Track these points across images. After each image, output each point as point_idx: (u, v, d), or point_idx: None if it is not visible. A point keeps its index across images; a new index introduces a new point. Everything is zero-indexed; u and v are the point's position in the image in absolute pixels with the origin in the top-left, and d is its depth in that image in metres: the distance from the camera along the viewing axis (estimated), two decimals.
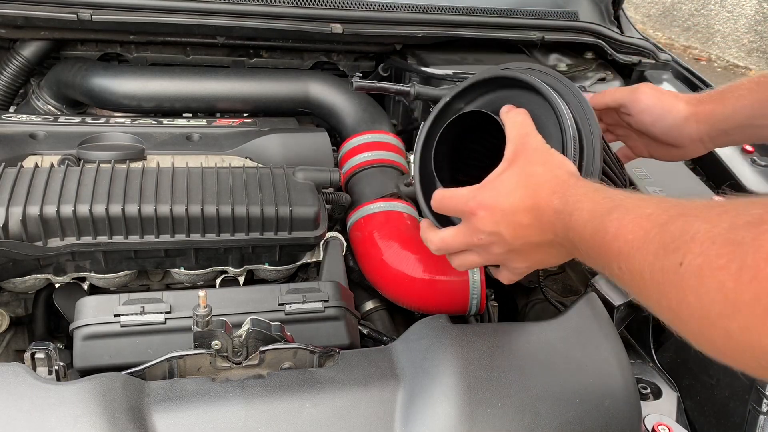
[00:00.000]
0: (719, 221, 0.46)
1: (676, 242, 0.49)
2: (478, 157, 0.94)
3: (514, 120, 0.78)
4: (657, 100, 1.01)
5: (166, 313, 0.90)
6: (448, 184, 0.85)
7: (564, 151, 0.77)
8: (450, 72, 1.23)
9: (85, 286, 1.06)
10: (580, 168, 0.79)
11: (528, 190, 0.71)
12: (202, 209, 1.00)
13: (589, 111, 0.82)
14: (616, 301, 1.04)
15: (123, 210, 0.97)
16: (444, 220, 0.86)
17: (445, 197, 0.80)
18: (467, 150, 0.95)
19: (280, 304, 0.95)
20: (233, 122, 1.31)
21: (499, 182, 0.73)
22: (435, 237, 0.83)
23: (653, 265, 0.51)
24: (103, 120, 1.25)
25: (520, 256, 0.75)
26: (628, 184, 1.00)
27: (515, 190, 0.71)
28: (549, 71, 0.89)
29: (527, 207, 0.70)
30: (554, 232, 0.68)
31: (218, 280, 1.11)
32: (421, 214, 0.98)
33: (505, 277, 0.81)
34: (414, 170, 0.94)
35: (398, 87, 1.21)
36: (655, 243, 0.52)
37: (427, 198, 0.87)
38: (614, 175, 0.91)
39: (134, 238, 0.99)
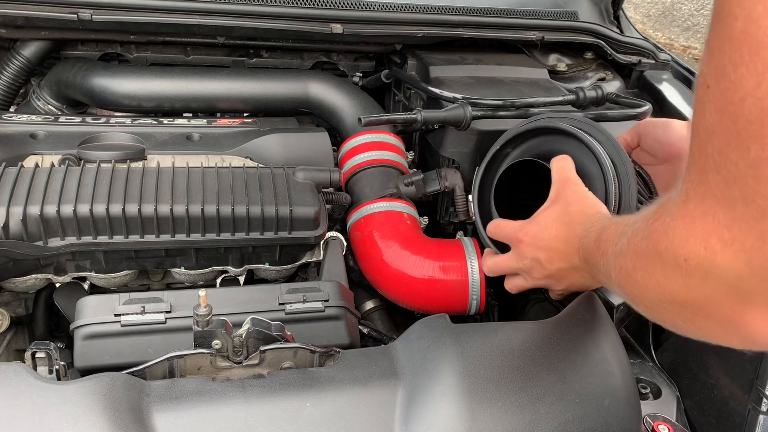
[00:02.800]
0: (634, 230, 0.60)
1: (620, 245, 0.64)
2: (530, 194, 1.05)
3: (558, 165, 0.93)
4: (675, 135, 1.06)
5: (167, 312, 0.90)
6: (504, 217, 1.02)
7: (606, 191, 0.93)
8: (458, 96, 1.25)
9: (86, 286, 1.07)
10: (619, 203, 0.93)
11: (563, 224, 0.85)
12: (202, 209, 1.00)
13: (621, 150, 0.96)
14: (616, 300, 1.04)
15: (123, 210, 0.97)
16: (503, 249, 1.02)
17: (498, 226, 0.99)
18: (520, 187, 1.09)
19: (280, 304, 0.95)
20: (233, 122, 1.31)
21: (542, 217, 0.90)
22: (490, 261, 1.03)
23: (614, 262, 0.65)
24: (103, 120, 1.25)
25: (555, 279, 0.89)
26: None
27: (553, 224, 0.87)
28: (582, 118, 1.03)
29: (561, 237, 0.85)
30: (578, 257, 0.80)
31: (218, 280, 1.11)
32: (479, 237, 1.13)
33: (552, 295, 0.98)
34: (474, 206, 1.10)
35: (405, 117, 1.22)
36: (617, 246, 0.65)
37: (485, 228, 1.05)
38: (644, 200, 1.02)
39: (135, 238, 0.99)
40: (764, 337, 0.47)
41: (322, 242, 1.14)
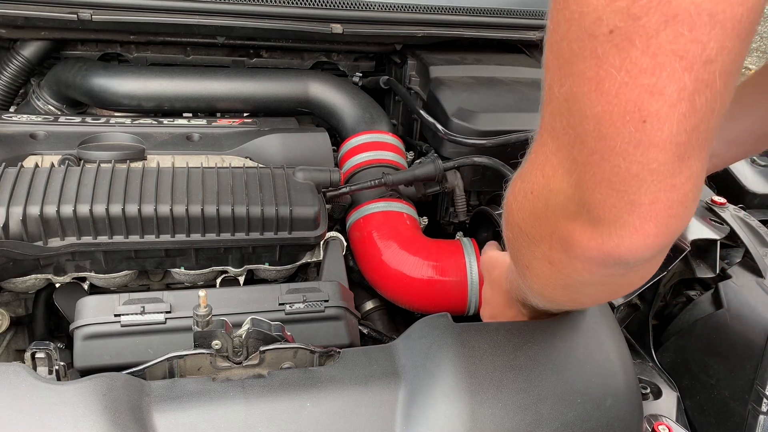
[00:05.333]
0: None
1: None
2: None
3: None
4: None
5: (167, 312, 0.90)
6: None
7: None
8: (440, 128, 1.28)
9: (86, 286, 1.06)
10: None
11: (497, 292, 0.91)
12: (202, 209, 1.00)
13: None
14: (616, 301, 1.04)
15: (123, 210, 0.96)
16: None
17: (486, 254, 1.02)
18: None
19: (280, 304, 0.95)
20: (233, 122, 1.31)
21: (483, 295, 0.97)
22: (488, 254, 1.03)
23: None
24: (103, 120, 1.24)
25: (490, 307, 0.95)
26: None
27: (492, 298, 0.93)
28: None
29: (501, 302, 0.90)
30: (519, 303, 0.85)
31: (218, 280, 1.11)
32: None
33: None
34: None
35: (373, 184, 1.22)
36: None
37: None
38: None
39: (134, 238, 0.99)
40: (589, 248, 0.52)
41: (322, 242, 1.14)
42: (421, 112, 1.34)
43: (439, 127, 1.28)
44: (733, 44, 0.41)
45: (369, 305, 1.27)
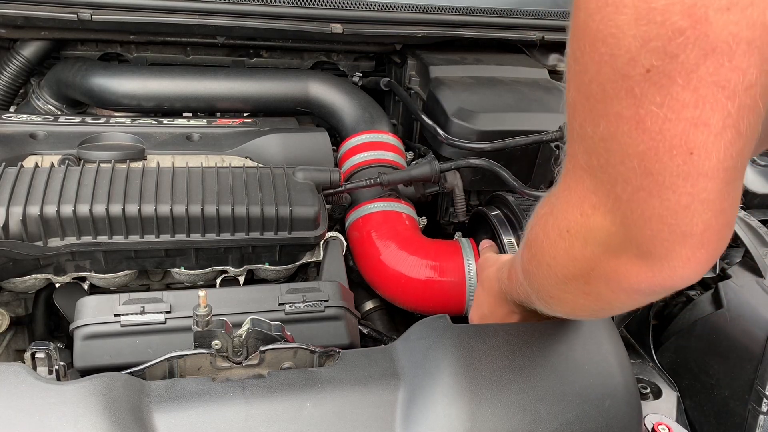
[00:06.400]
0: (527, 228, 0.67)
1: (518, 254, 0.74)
2: None
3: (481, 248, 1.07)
4: None
5: (166, 312, 0.90)
6: None
7: None
8: (441, 132, 1.29)
9: (86, 286, 1.06)
10: None
11: (489, 295, 0.90)
12: (202, 209, 1.00)
13: None
14: None
15: (123, 210, 0.97)
16: None
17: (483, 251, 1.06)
18: None
19: (280, 304, 0.95)
20: (233, 122, 1.31)
21: (474, 298, 0.96)
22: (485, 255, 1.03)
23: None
24: (103, 120, 1.24)
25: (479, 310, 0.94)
26: None
27: (485, 300, 0.92)
28: None
29: (493, 303, 0.89)
30: (512, 304, 0.85)
31: (218, 280, 1.11)
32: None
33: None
34: None
35: (368, 184, 1.22)
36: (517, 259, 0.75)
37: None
38: None
39: (134, 238, 0.99)
40: (639, 282, 0.52)
41: (322, 242, 1.14)
42: (422, 116, 1.34)
43: (440, 131, 1.28)
44: None
45: (369, 305, 1.27)
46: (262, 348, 0.78)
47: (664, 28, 0.40)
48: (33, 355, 0.77)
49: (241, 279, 1.12)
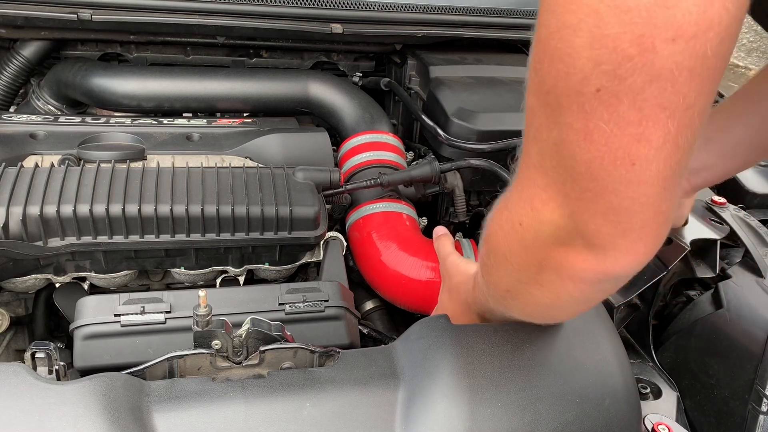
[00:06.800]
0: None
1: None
2: None
3: (437, 245, 1.02)
4: None
5: (166, 312, 0.90)
6: None
7: None
8: (441, 133, 1.29)
9: (86, 286, 1.06)
10: None
11: (455, 301, 0.92)
12: (202, 209, 1.00)
13: None
14: (616, 301, 1.04)
15: (123, 210, 0.97)
16: None
17: (439, 240, 1.03)
18: None
19: (280, 304, 0.95)
20: (233, 122, 1.31)
21: (440, 298, 0.98)
22: (440, 242, 1.03)
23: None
24: (103, 120, 1.25)
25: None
26: None
27: (449, 303, 0.94)
28: None
29: (458, 310, 0.91)
30: (475, 314, 0.87)
31: (218, 280, 1.11)
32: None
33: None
34: None
35: (369, 184, 1.22)
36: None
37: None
38: None
39: (134, 238, 0.99)
40: (584, 270, 0.56)
41: (322, 242, 1.14)
42: (422, 116, 1.34)
43: (440, 132, 1.28)
44: (709, 88, 0.45)
45: (369, 305, 1.27)
46: (262, 348, 0.78)
47: (615, 53, 0.43)
48: (33, 355, 0.77)
49: (241, 279, 1.12)
